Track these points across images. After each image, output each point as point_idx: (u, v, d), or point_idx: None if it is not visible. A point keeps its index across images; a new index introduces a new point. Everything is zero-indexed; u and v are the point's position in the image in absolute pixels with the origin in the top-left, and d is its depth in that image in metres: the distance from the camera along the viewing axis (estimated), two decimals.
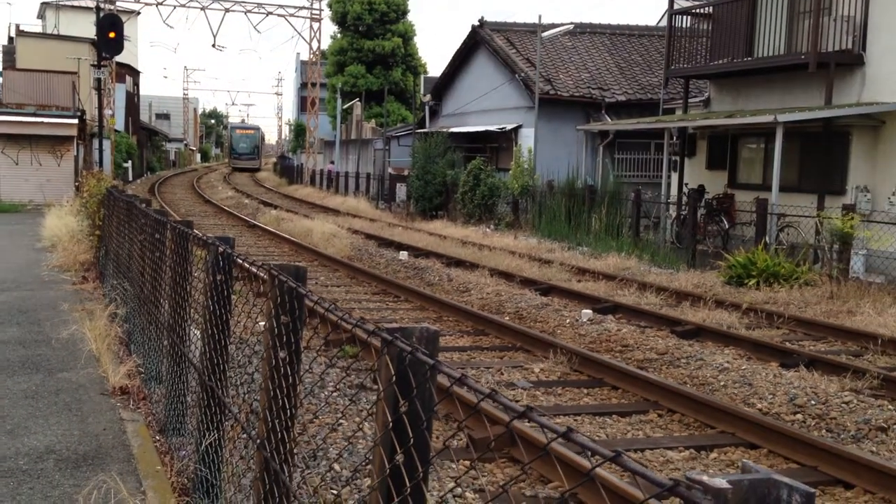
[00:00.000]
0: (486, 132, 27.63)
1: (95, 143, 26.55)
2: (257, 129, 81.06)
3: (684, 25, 20.12)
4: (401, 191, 30.36)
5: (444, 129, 29.01)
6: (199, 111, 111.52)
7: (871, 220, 13.95)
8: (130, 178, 40.12)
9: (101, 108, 25.25)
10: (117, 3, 38.91)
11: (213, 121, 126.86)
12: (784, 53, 16.81)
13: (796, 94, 17.02)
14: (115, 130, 38.03)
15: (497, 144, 28.16)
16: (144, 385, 6.32)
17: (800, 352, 8.48)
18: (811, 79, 16.19)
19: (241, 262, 3.96)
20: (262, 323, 3.36)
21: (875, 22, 15.57)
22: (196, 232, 5.10)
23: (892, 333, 9.13)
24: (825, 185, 15.74)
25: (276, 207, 28.56)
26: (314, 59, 46.18)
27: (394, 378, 2.16)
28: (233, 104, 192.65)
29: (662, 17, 27.98)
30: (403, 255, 15.83)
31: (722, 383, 7.31)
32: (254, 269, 3.78)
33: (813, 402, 6.59)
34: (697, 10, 20.40)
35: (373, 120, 45.86)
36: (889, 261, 13.54)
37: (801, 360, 8.04)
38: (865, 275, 13.56)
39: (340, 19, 48.95)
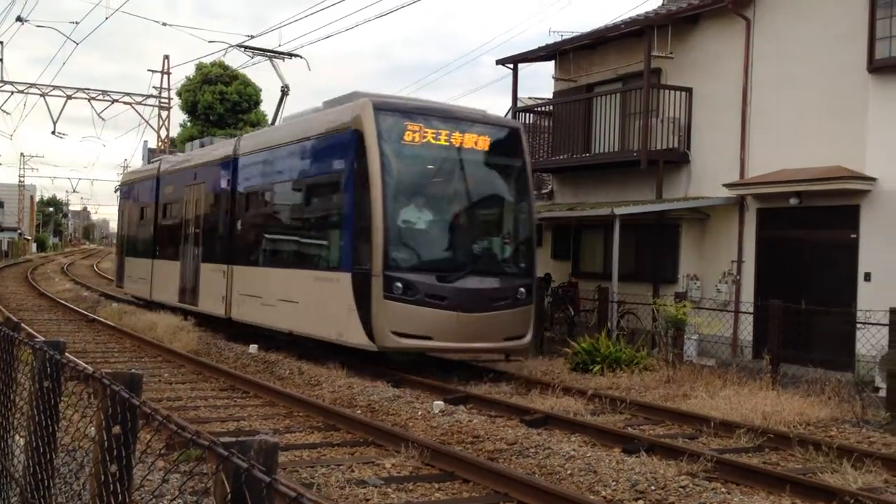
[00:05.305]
0: None
1: None
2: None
3: (527, 122, 21.17)
4: None
5: None
6: (37, 199, 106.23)
7: (701, 307, 14.88)
8: None
9: None
10: None
11: (51, 209, 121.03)
12: (618, 150, 17.96)
13: (631, 188, 18.14)
14: None
15: None
16: None
17: (640, 437, 8.82)
18: (644, 174, 17.34)
19: (72, 367, 3.76)
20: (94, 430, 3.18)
21: (697, 123, 16.98)
22: (22, 335, 4.80)
23: (723, 416, 9.67)
24: (660, 273, 16.72)
25: (118, 300, 27.25)
26: (162, 147, 45.25)
27: (229, 497, 2.09)
28: (74, 191, 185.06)
29: (507, 113, 29.31)
30: (253, 348, 15.42)
31: (569, 472, 7.47)
32: (86, 373, 3.60)
33: (653, 488, 6.83)
34: (539, 108, 21.57)
35: None
36: (718, 345, 14.43)
37: (641, 445, 8.35)
38: (698, 359, 14.37)
39: (191, 108, 48.32)
